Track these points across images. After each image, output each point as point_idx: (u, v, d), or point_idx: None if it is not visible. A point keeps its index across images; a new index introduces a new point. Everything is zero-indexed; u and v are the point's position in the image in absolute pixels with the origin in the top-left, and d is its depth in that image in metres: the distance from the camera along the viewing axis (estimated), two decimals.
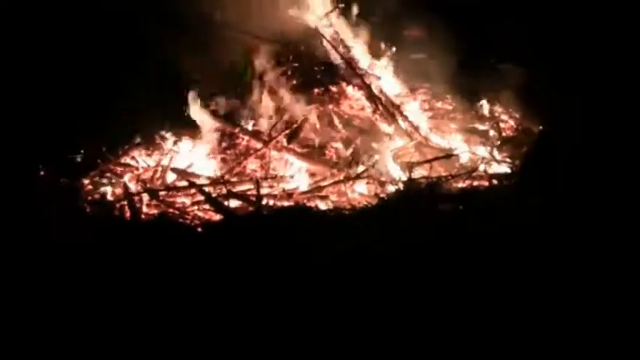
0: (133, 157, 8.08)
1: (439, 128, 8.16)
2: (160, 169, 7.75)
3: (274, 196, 6.93)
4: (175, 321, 4.83)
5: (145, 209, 6.99)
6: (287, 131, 7.64)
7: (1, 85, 8.64)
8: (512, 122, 8.35)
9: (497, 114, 8.50)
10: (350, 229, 5.96)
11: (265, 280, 5.12)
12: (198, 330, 4.72)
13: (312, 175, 7.32)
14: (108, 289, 5.15)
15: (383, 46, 8.62)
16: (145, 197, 7.12)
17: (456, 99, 8.65)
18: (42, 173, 7.57)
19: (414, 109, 8.28)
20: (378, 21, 8.69)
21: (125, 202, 7.00)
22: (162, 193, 7.19)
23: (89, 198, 7.28)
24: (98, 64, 8.93)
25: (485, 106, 8.51)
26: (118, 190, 7.41)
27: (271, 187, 7.17)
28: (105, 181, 7.67)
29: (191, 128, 8.06)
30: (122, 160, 8.02)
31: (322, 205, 6.78)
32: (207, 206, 6.86)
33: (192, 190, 7.14)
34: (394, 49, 8.63)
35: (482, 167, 7.26)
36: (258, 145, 7.60)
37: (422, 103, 8.53)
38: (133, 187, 7.43)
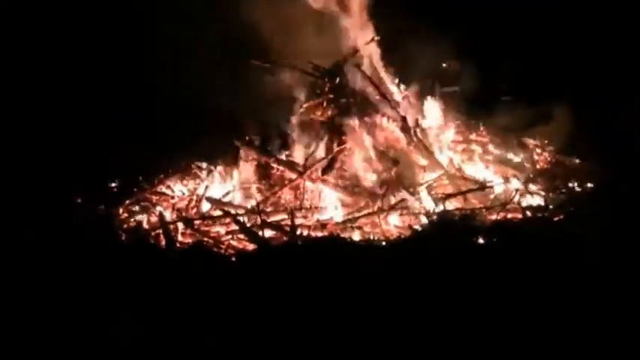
0: (168, 186, 8.16)
1: (473, 160, 8.15)
2: (195, 198, 7.81)
3: (308, 227, 6.94)
4: (209, 350, 4.87)
5: (179, 238, 7.03)
6: (322, 162, 7.64)
7: (39, 111, 8.85)
8: (546, 155, 8.33)
9: (531, 146, 8.49)
10: (383, 261, 5.96)
11: (298, 311, 5.14)
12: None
13: (346, 206, 7.33)
14: (142, 317, 5.20)
15: (417, 78, 8.65)
16: (180, 226, 7.17)
17: (490, 131, 8.66)
18: (79, 201, 7.67)
19: (448, 141, 8.29)
20: (413, 54, 8.70)
21: (160, 231, 7.05)
22: (197, 222, 7.24)
23: (125, 226, 7.35)
24: (136, 94, 9.08)
25: (519, 138, 8.50)
26: (154, 219, 7.48)
27: (305, 217, 7.19)
28: (140, 209, 7.74)
29: (226, 158, 8.11)
30: (158, 189, 8.09)
31: (356, 237, 6.78)
32: (241, 236, 6.89)
33: (227, 220, 7.18)
34: (429, 81, 8.65)
35: (516, 199, 7.21)
36: (293, 176, 7.62)
37: (456, 134, 8.53)
38: (169, 215, 7.50)
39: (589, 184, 7.52)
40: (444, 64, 9.42)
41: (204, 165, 8.24)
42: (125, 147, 8.61)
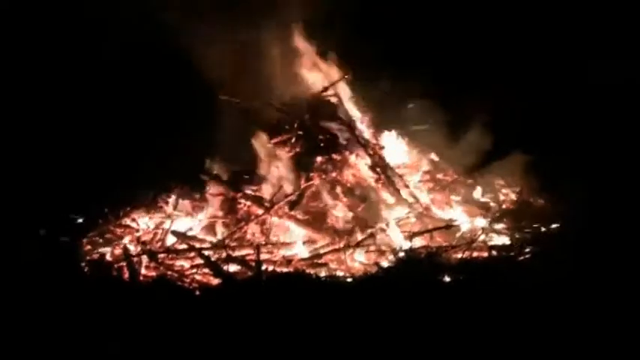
0: (133, 219, 8.08)
1: (440, 199, 8.18)
2: (160, 231, 7.74)
3: (274, 262, 6.92)
4: None
5: (143, 271, 6.95)
6: (289, 198, 7.62)
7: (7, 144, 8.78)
8: (512, 195, 8.37)
9: (497, 186, 8.53)
10: (348, 297, 5.94)
11: (262, 346, 5.09)
12: None
13: (313, 242, 7.30)
14: (103, 350, 5.13)
15: (386, 115, 8.72)
16: (145, 259, 7.09)
17: (457, 171, 8.68)
18: (42, 232, 7.59)
19: (416, 180, 8.32)
20: (382, 92, 8.76)
21: (124, 263, 6.97)
22: (161, 255, 7.17)
23: (88, 258, 7.27)
24: (106, 127, 9.05)
25: (485, 178, 8.54)
26: (118, 251, 7.40)
27: (271, 252, 7.15)
28: (104, 241, 7.66)
29: (193, 192, 8.07)
30: (123, 222, 8.02)
31: (321, 273, 6.75)
32: (206, 270, 6.83)
33: (192, 254, 7.12)
34: (397, 119, 8.73)
35: (481, 238, 7.24)
36: (260, 211, 7.59)
37: (423, 174, 8.55)
38: (133, 248, 7.42)
39: (554, 225, 7.57)
40: (411, 104, 9.48)
41: (170, 199, 8.15)
42: (91, 178, 8.54)
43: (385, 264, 6.78)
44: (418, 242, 7.19)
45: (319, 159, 8.02)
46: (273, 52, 8.30)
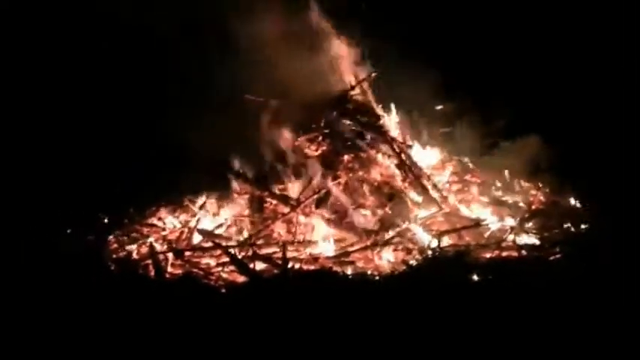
0: (159, 218, 8.08)
1: (468, 199, 8.10)
2: (186, 229, 7.73)
3: (300, 260, 6.86)
4: None
5: (169, 269, 6.94)
6: (316, 196, 7.58)
7: (34, 143, 8.81)
8: (541, 196, 8.27)
9: (526, 187, 8.44)
10: (375, 296, 5.88)
11: (287, 344, 5.05)
12: None
13: (340, 240, 7.24)
14: (130, 346, 5.11)
15: (414, 115, 8.67)
16: (171, 257, 7.07)
17: (485, 172, 8.60)
18: (69, 230, 7.61)
19: (444, 180, 8.25)
20: (411, 92, 8.70)
21: (150, 261, 6.96)
22: (187, 253, 7.15)
23: (114, 256, 7.26)
24: (133, 126, 9.06)
25: (514, 179, 8.45)
26: (144, 250, 7.39)
27: (298, 251, 7.10)
28: (131, 240, 7.65)
29: (219, 190, 8.05)
30: (149, 221, 8.02)
31: (348, 271, 6.69)
32: (232, 268, 6.79)
33: (218, 252, 7.09)
34: (426, 119, 8.68)
35: (510, 238, 7.15)
36: (286, 209, 7.55)
37: (451, 174, 8.49)
38: (159, 246, 7.40)
39: (583, 225, 7.47)
40: (440, 106, 9.43)
41: (196, 197, 8.14)
42: (118, 177, 8.55)
43: (413, 262, 6.71)
44: (446, 241, 7.12)
45: (346, 157, 7.98)
46: (299, 48, 8.25)
